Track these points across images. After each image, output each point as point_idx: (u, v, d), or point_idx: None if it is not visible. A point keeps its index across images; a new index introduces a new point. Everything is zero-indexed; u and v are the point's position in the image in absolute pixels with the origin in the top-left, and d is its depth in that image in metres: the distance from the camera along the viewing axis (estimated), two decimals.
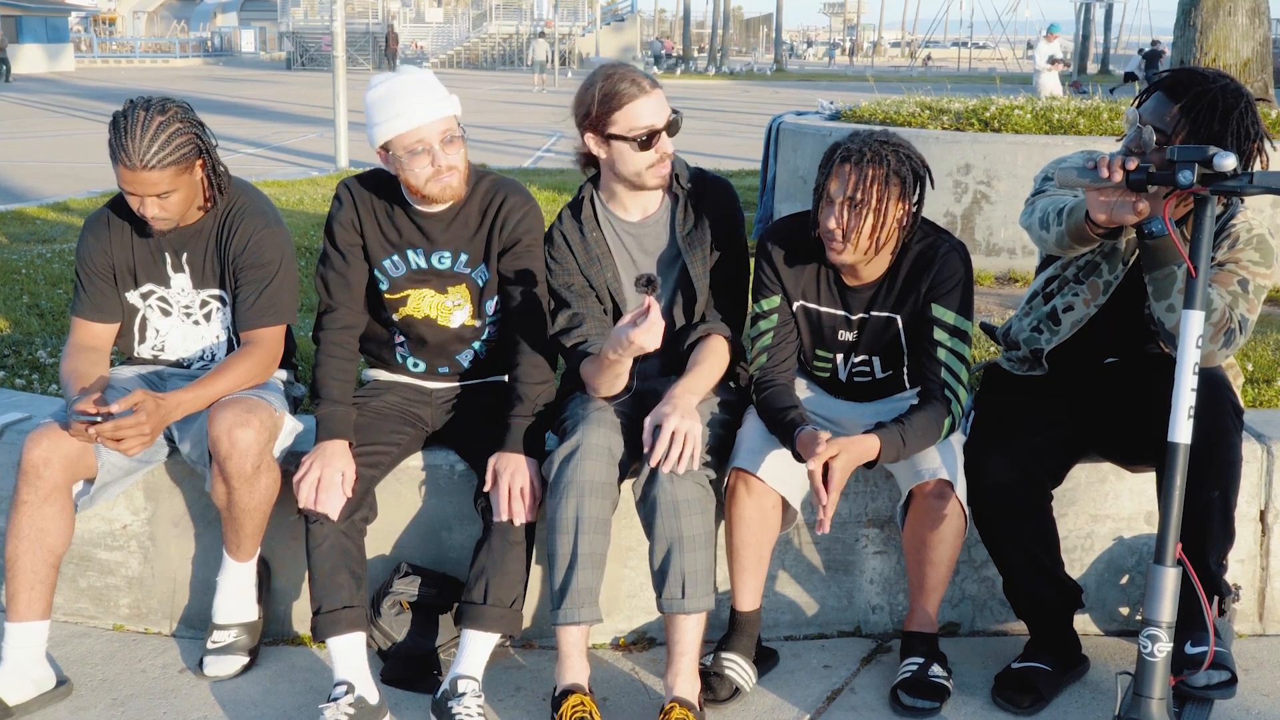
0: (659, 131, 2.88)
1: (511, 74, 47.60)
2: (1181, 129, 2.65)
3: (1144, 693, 2.43)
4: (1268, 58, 7.64)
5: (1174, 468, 2.42)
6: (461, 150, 2.93)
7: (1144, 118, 2.70)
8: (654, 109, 2.88)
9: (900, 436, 2.72)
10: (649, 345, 2.63)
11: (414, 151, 2.85)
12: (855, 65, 62.91)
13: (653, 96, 2.88)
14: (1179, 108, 2.66)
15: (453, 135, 2.89)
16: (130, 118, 2.84)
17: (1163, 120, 2.68)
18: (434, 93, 2.87)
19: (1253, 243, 2.82)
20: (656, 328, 2.60)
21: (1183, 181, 2.36)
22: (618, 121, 2.88)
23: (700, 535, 2.75)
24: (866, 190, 2.71)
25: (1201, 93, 2.66)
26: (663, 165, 2.93)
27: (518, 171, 11.92)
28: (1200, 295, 2.41)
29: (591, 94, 2.89)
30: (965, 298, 2.87)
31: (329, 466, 2.83)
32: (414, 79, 2.87)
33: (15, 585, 2.86)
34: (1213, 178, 2.35)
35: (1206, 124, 2.64)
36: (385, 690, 2.89)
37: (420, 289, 3.05)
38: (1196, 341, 2.40)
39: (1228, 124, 2.64)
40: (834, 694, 2.97)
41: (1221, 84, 2.68)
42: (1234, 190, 2.34)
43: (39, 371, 4.17)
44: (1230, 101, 2.65)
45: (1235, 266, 2.81)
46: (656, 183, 2.95)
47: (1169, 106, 2.69)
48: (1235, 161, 2.32)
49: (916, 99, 8.05)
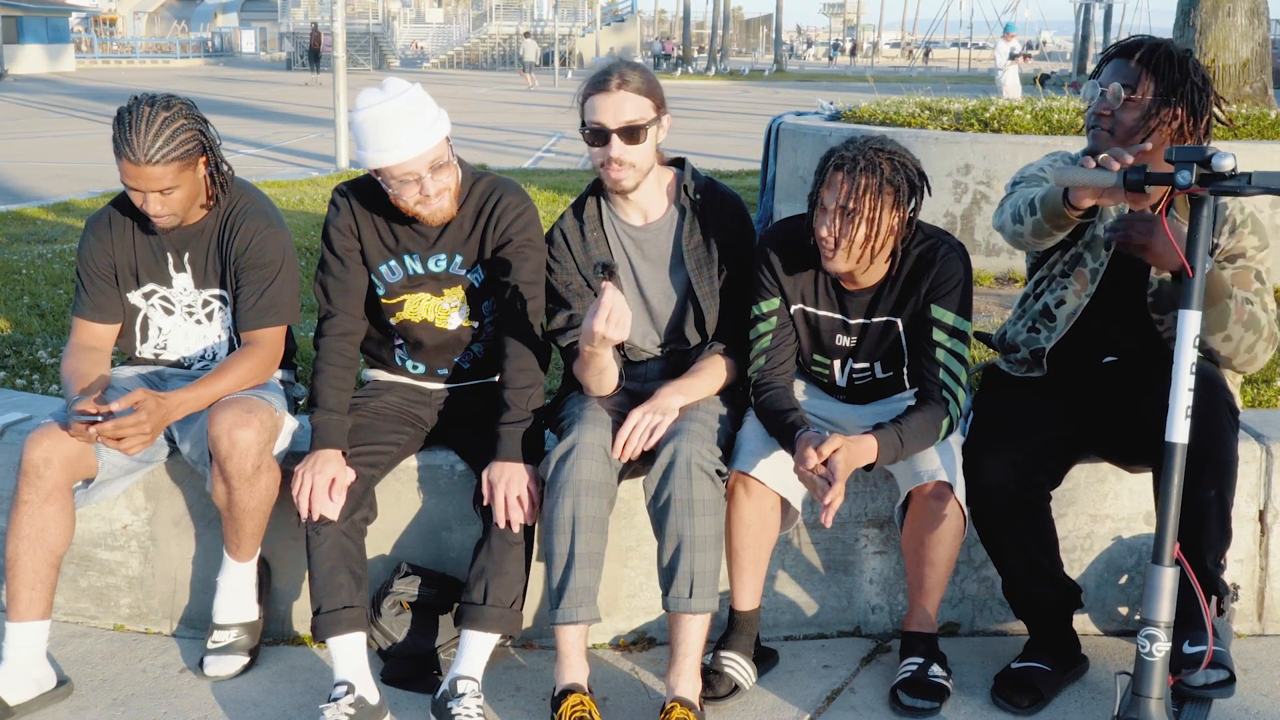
0: (609, 133, 2.85)
1: (511, 74, 47.62)
2: (1146, 80, 2.77)
3: (1143, 692, 2.43)
4: (1267, 58, 7.64)
5: (1171, 468, 2.42)
6: (452, 172, 2.91)
7: (1104, 84, 2.82)
8: (609, 108, 2.84)
9: (898, 438, 2.72)
10: (613, 335, 2.63)
11: (404, 181, 2.83)
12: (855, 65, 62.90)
13: (613, 96, 2.84)
14: (1137, 61, 2.78)
15: (442, 162, 2.86)
16: (135, 113, 2.85)
17: (1125, 78, 2.79)
18: (422, 120, 2.80)
19: (1248, 224, 2.88)
20: (617, 314, 2.60)
21: (1181, 182, 2.35)
22: (584, 112, 2.90)
23: (711, 536, 2.75)
24: (859, 199, 2.71)
25: (1154, 45, 2.81)
26: (611, 169, 2.89)
27: (517, 172, 11.93)
28: (1197, 295, 2.40)
29: (579, 89, 2.93)
30: (965, 298, 2.87)
31: (320, 474, 2.83)
32: (402, 108, 2.78)
33: (16, 585, 2.86)
34: (1211, 178, 2.34)
35: (1168, 72, 2.77)
36: (385, 690, 2.89)
37: (417, 293, 3.05)
38: (1193, 341, 2.40)
39: (1186, 71, 2.77)
40: (834, 694, 2.97)
41: (1167, 41, 2.85)
42: (1232, 191, 2.33)
43: (39, 372, 4.18)
44: (1182, 53, 2.80)
45: (1245, 260, 2.86)
46: (611, 184, 2.93)
47: (1127, 64, 2.81)
48: (1234, 161, 2.32)
49: (916, 99, 8.05)
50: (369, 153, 2.80)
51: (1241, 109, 7.03)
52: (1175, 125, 2.78)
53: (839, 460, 2.59)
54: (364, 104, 2.80)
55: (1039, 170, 3.00)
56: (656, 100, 2.90)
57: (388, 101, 2.78)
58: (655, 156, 2.98)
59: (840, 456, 2.60)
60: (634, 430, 2.82)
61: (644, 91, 2.87)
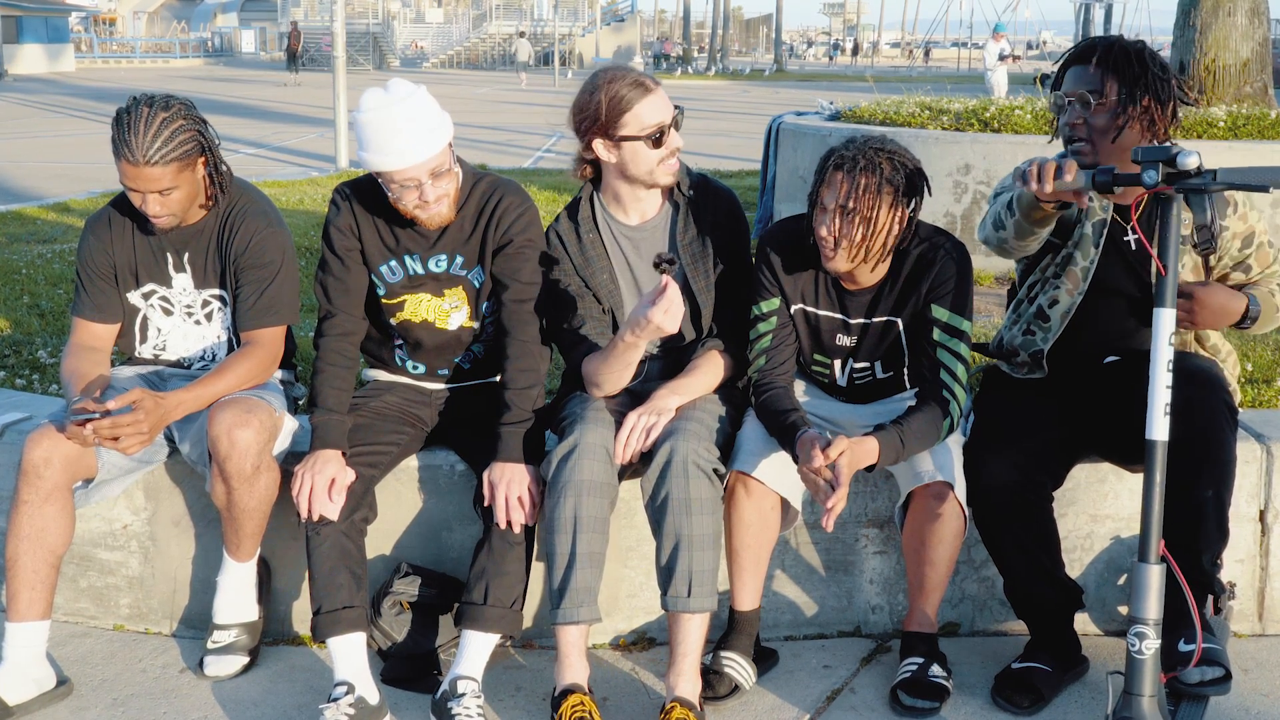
0: (668, 127, 2.91)
1: (512, 74, 47.61)
2: (1109, 81, 2.82)
3: (1134, 691, 2.43)
4: (1267, 58, 7.63)
5: (1153, 465, 2.44)
6: (453, 179, 2.91)
7: (1070, 93, 2.86)
8: (661, 107, 2.90)
9: (899, 439, 2.72)
10: (668, 326, 2.64)
11: (405, 185, 2.83)
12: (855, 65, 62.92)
13: (657, 94, 2.91)
14: (1096, 64, 2.84)
15: (443, 169, 2.85)
16: (134, 114, 2.85)
17: (1089, 84, 2.84)
18: (426, 126, 2.79)
19: (1246, 202, 2.95)
20: (675, 307, 2.62)
21: (1148, 181, 2.39)
22: (629, 124, 2.88)
23: (709, 535, 2.76)
24: (858, 199, 2.72)
25: (1108, 45, 2.87)
26: (673, 160, 2.96)
27: (517, 172, 11.92)
28: (1170, 294, 2.44)
29: (597, 100, 2.87)
30: (965, 298, 2.87)
31: (320, 474, 2.83)
32: (406, 113, 2.76)
33: (16, 585, 2.86)
34: (1177, 176, 2.38)
35: (1127, 68, 2.82)
36: (385, 690, 2.89)
37: (417, 293, 3.05)
38: (1169, 339, 2.43)
39: (1144, 62, 2.82)
40: (834, 694, 2.97)
41: (1118, 36, 2.91)
42: (1198, 188, 2.37)
43: (39, 371, 4.17)
44: (1136, 45, 2.86)
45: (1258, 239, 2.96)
46: (669, 179, 2.96)
47: (1086, 70, 2.86)
48: (1199, 159, 2.37)
49: (916, 99, 8.06)
50: (370, 154, 2.80)
51: (1241, 109, 7.03)
52: (1146, 118, 2.85)
53: (843, 464, 2.59)
54: (368, 105, 2.79)
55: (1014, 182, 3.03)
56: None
57: (392, 105, 2.77)
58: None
59: (845, 460, 2.60)
60: (631, 432, 2.83)
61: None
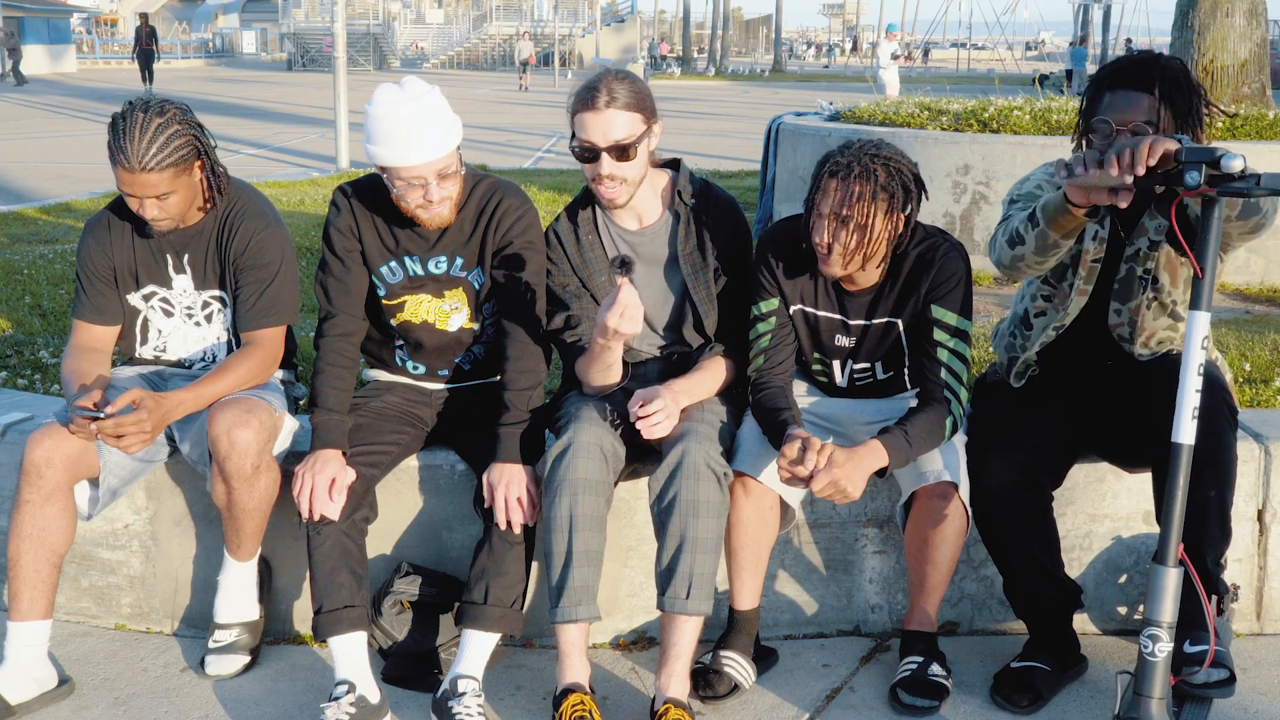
0: (599, 151, 2.83)
1: (512, 75, 47.57)
2: (1165, 113, 2.71)
3: (1144, 692, 2.43)
4: (1265, 59, 7.64)
5: (1177, 468, 2.39)
6: (458, 182, 2.90)
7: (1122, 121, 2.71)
8: (598, 127, 2.80)
9: (906, 441, 2.72)
10: (626, 329, 2.62)
11: (410, 184, 2.83)
12: (855, 66, 62.90)
13: (601, 115, 2.80)
14: (1158, 95, 2.71)
15: (450, 171, 2.84)
16: (129, 119, 2.84)
17: (1147, 114, 2.71)
18: (438, 127, 2.77)
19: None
20: (631, 310, 2.59)
21: (1190, 182, 2.30)
22: (573, 126, 2.86)
23: (713, 539, 2.76)
24: (853, 206, 2.71)
25: (1168, 76, 2.73)
26: (602, 185, 2.87)
27: (517, 172, 11.93)
28: (1207, 297, 2.37)
29: (569, 94, 2.90)
30: (965, 298, 2.87)
31: (320, 474, 2.83)
32: (419, 111, 2.75)
33: (17, 585, 2.87)
34: (1220, 179, 2.30)
35: (1180, 100, 2.72)
36: (386, 689, 2.90)
37: (417, 294, 3.06)
38: (1202, 343, 2.38)
39: (1194, 91, 2.74)
40: (833, 693, 2.97)
41: (1167, 59, 2.79)
42: (1240, 192, 2.30)
43: (41, 372, 4.18)
44: (1184, 72, 2.76)
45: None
46: (604, 200, 2.92)
47: (1144, 98, 2.72)
48: (1243, 163, 2.28)
49: (915, 100, 8.06)
50: (379, 148, 2.78)
51: (1240, 109, 7.04)
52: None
53: (838, 467, 2.60)
54: (382, 100, 2.77)
55: (1035, 187, 2.95)
56: (646, 112, 2.86)
57: (406, 102, 2.76)
58: (647, 166, 2.95)
59: (843, 473, 2.60)
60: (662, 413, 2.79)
61: (633, 106, 2.82)
